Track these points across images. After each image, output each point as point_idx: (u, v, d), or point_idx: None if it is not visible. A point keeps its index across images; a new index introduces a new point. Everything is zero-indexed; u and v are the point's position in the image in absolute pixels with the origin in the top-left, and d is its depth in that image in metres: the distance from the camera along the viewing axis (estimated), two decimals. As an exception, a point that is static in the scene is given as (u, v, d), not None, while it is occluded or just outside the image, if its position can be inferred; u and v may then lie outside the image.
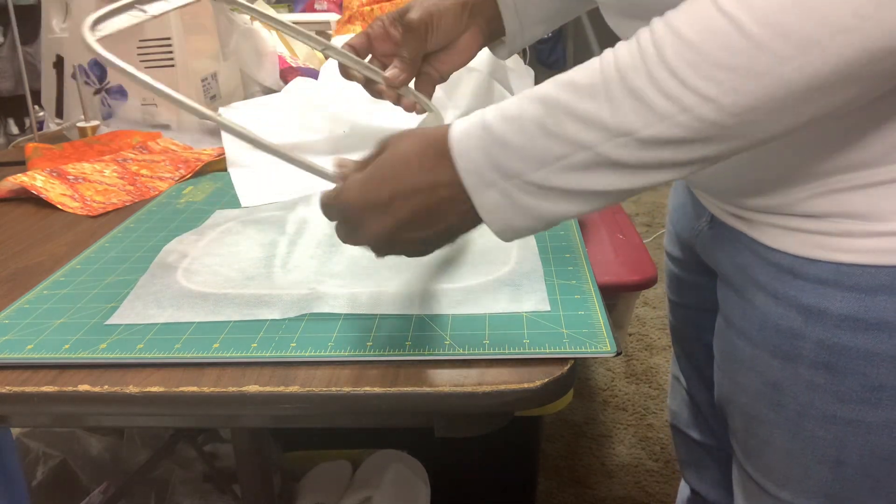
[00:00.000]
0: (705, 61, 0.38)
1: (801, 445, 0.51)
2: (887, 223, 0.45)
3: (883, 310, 0.45)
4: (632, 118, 0.40)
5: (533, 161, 0.43)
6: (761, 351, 0.52)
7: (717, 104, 0.38)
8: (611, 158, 0.41)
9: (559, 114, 0.42)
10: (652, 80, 0.39)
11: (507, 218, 0.45)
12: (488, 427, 0.51)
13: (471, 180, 0.44)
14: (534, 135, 0.42)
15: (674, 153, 0.41)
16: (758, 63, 0.37)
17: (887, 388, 0.47)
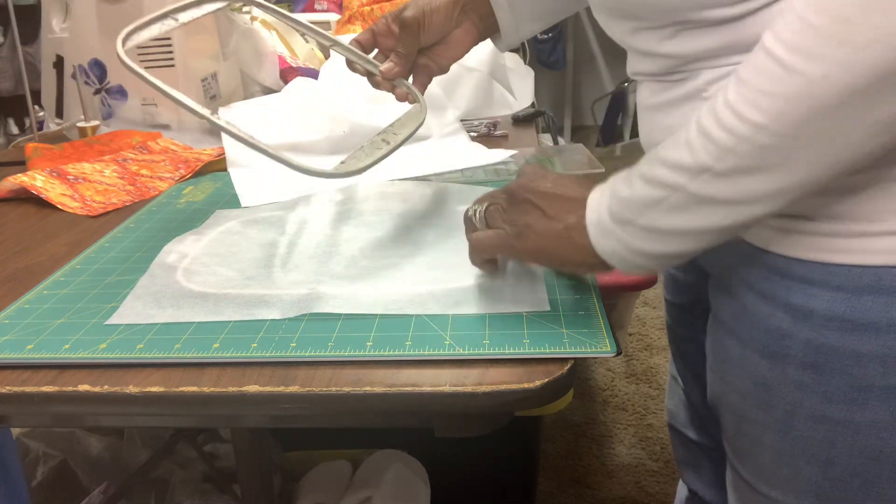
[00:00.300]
0: (752, 92, 0.42)
1: (790, 445, 0.52)
2: (873, 224, 0.45)
3: (868, 310, 0.46)
4: (704, 155, 0.44)
5: (639, 207, 0.48)
6: (750, 351, 0.52)
7: (769, 130, 0.42)
8: (700, 195, 0.45)
9: (654, 163, 0.48)
10: (717, 118, 0.44)
11: (627, 259, 0.51)
12: (488, 427, 0.51)
13: (593, 230, 0.51)
14: (637, 184, 0.48)
15: (755, 184, 0.44)
16: (791, 86, 0.40)
17: (874, 389, 0.47)
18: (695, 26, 0.48)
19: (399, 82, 0.77)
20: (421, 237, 0.69)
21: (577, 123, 4.13)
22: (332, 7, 1.67)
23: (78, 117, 1.13)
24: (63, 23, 1.16)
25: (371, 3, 1.31)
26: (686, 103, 0.52)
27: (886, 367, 0.46)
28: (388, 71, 0.76)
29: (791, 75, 0.40)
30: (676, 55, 0.51)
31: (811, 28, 0.39)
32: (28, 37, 2.55)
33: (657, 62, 0.53)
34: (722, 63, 0.49)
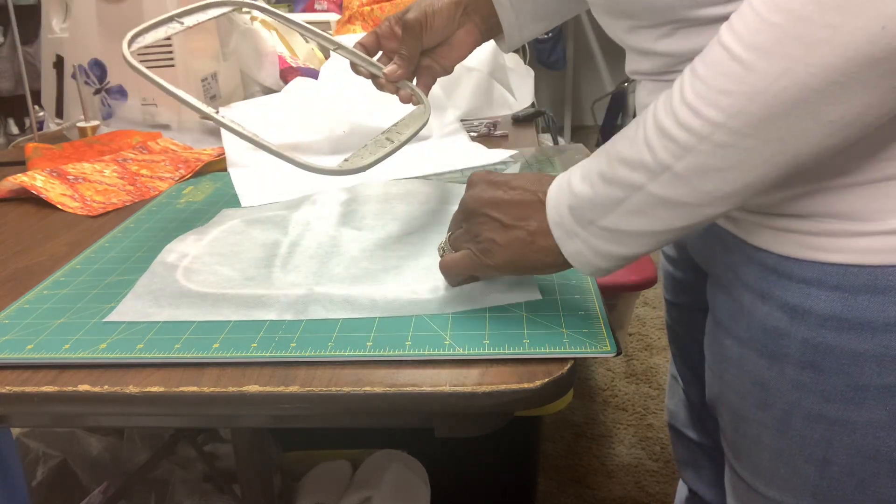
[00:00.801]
0: (710, 90, 0.41)
1: (788, 444, 0.52)
2: (869, 223, 0.45)
3: (865, 309, 0.46)
4: (664, 154, 0.44)
5: (600, 208, 0.48)
6: (748, 350, 0.52)
7: (727, 128, 0.41)
8: (661, 196, 0.45)
9: (613, 161, 0.47)
10: (674, 116, 0.43)
11: (591, 261, 0.50)
12: (488, 427, 0.51)
13: (557, 232, 0.51)
14: (598, 184, 0.48)
15: (714, 183, 0.43)
16: (750, 84, 0.40)
17: (871, 388, 0.47)
18: (691, 24, 0.48)
19: (403, 84, 0.78)
20: (421, 239, 0.69)
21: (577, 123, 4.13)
22: (332, 7, 1.67)
23: (78, 117, 1.13)
24: (63, 23, 1.16)
25: (371, 3, 1.31)
26: None
27: (883, 367, 0.46)
28: (392, 73, 0.76)
29: (749, 73, 0.40)
30: (673, 54, 0.51)
31: (769, 25, 0.39)
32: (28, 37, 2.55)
33: (654, 61, 0.53)
34: None
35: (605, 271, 0.51)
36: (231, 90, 1.24)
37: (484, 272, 0.56)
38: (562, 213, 0.50)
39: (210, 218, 0.79)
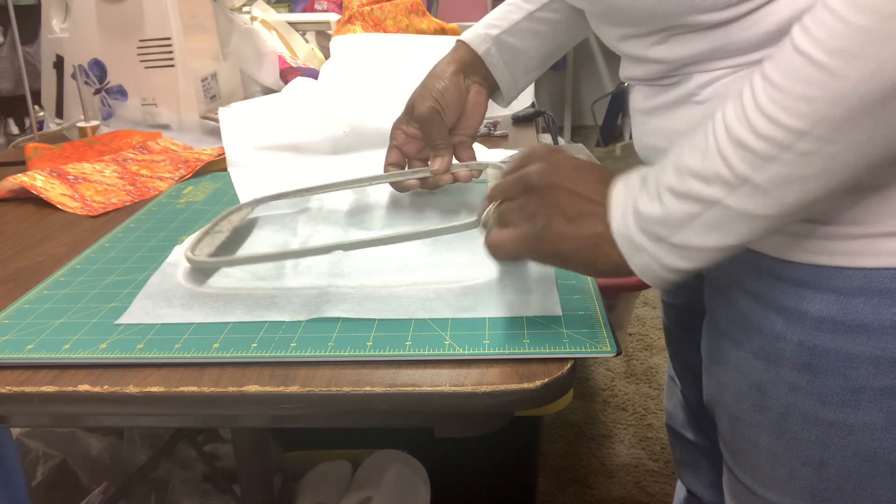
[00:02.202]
0: (789, 97, 0.40)
1: (785, 447, 0.52)
2: (863, 226, 0.45)
3: (860, 312, 0.46)
4: (742, 166, 0.42)
5: (673, 224, 0.45)
6: (744, 352, 0.52)
7: (812, 135, 0.40)
8: (739, 210, 0.43)
9: (685, 175, 0.44)
10: (750, 125, 0.41)
11: (659, 274, 0.47)
12: (488, 427, 0.51)
13: (623, 244, 0.48)
14: (668, 199, 0.45)
15: (796, 193, 0.42)
16: (834, 89, 0.39)
17: (867, 390, 0.47)
18: (684, 31, 0.48)
19: (455, 166, 0.76)
20: (432, 238, 0.69)
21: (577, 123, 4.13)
22: (332, 7, 1.67)
23: (78, 117, 1.13)
24: (63, 23, 1.16)
25: (371, 3, 1.31)
26: (678, 107, 0.52)
27: (879, 369, 0.46)
28: (441, 167, 0.74)
29: (832, 78, 0.39)
30: (667, 60, 0.51)
31: (853, 28, 0.38)
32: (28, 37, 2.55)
33: (648, 67, 0.53)
34: (713, 67, 0.49)
35: (668, 283, 0.49)
36: (231, 90, 1.24)
37: (534, 256, 0.52)
38: (628, 225, 0.47)
39: (210, 218, 0.79)
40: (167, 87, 1.11)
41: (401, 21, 1.31)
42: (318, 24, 1.53)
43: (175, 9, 1.07)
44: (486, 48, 0.74)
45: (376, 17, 1.31)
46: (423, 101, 0.72)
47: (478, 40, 0.74)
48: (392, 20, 1.31)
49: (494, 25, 0.74)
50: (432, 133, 0.73)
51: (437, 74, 0.74)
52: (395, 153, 0.76)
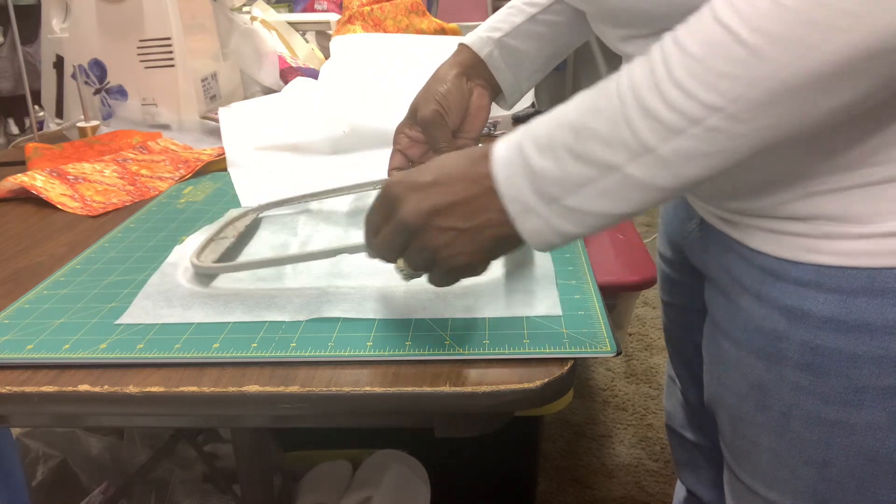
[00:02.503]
0: (708, 72, 0.39)
1: (787, 446, 0.52)
2: (866, 226, 0.45)
3: (863, 311, 0.46)
4: (649, 136, 0.41)
5: (569, 185, 0.44)
6: (746, 352, 0.52)
7: (724, 113, 0.39)
8: (638, 179, 0.42)
9: (585, 137, 0.43)
10: (662, 96, 0.40)
11: (547, 239, 0.46)
12: (488, 427, 0.51)
13: (513, 207, 0.46)
14: (565, 159, 0.44)
15: (696, 168, 0.41)
16: (756, 69, 0.38)
17: (870, 390, 0.47)
18: None
19: None
20: None
21: (577, 123, 4.12)
22: (332, 7, 1.67)
23: (78, 117, 1.13)
24: (63, 23, 1.16)
25: (371, 3, 1.31)
26: None
27: (882, 369, 0.46)
28: None
29: (756, 58, 0.38)
30: None
31: (784, 10, 0.37)
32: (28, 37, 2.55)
33: None
34: None
35: (552, 247, 0.48)
36: (231, 90, 1.24)
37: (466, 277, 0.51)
38: (520, 188, 0.45)
39: (211, 218, 0.79)
40: (167, 87, 1.11)
41: (401, 21, 1.31)
42: (318, 24, 1.53)
43: (175, 9, 1.07)
44: (489, 51, 0.74)
45: (376, 17, 1.31)
46: (427, 105, 0.72)
47: (480, 43, 0.74)
48: (392, 20, 1.31)
49: (496, 28, 0.74)
50: (436, 136, 0.72)
51: (439, 78, 0.73)
52: (398, 157, 0.75)
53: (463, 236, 0.47)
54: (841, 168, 0.45)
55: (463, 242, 0.48)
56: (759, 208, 0.50)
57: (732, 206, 0.52)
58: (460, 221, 0.47)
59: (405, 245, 0.49)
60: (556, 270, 0.62)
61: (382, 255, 0.51)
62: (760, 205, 0.49)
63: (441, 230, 0.47)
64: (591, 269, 0.62)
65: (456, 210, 0.47)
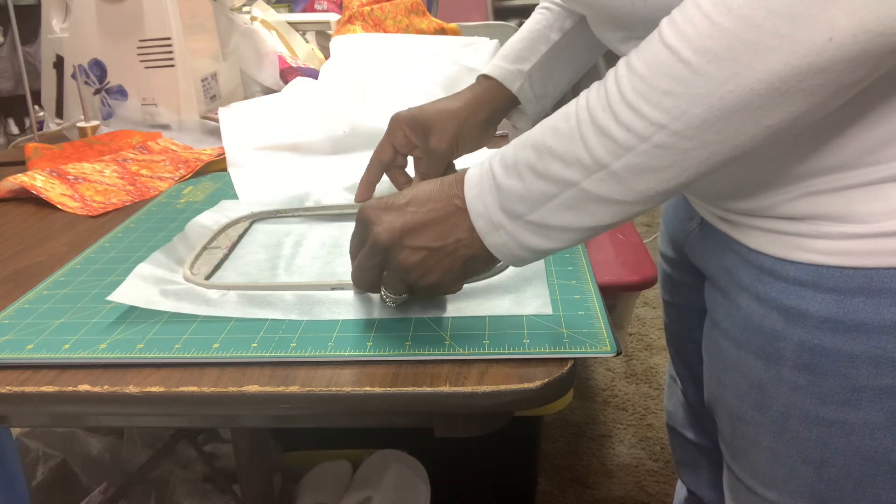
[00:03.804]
0: (653, 90, 0.41)
1: (785, 446, 0.52)
2: (863, 225, 0.45)
3: (860, 311, 0.46)
4: (601, 153, 0.43)
5: (531, 202, 0.47)
6: (745, 352, 0.53)
7: (668, 130, 0.41)
8: (594, 193, 0.45)
9: (546, 156, 0.46)
10: (613, 114, 0.42)
11: (514, 253, 0.49)
12: (488, 427, 0.51)
13: (480, 224, 0.49)
14: (528, 178, 0.47)
15: (647, 183, 0.43)
16: (697, 87, 0.40)
17: (867, 390, 0.47)
18: None
19: None
20: None
21: (577, 123, 4.12)
22: (332, 7, 1.67)
23: (78, 117, 1.13)
24: (63, 23, 1.16)
25: (371, 3, 1.31)
26: None
27: (879, 369, 0.46)
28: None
29: (696, 76, 0.39)
30: None
31: (719, 30, 0.38)
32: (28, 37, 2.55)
33: None
34: None
35: (523, 261, 0.50)
36: (231, 90, 1.24)
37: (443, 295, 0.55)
38: (487, 205, 0.48)
39: (210, 218, 0.79)
40: (167, 87, 1.11)
41: (401, 21, 1.31)
42: (318, 24, 1.53)
43: (175, 9, 1.07)
44: (520, 85, 0.75)
45: (376, 17, 1.31)
46: (442, 138, 0.71)
47: (511, 78, 0.75)
48: (392, 20, 1.31)
49: (524, 59, 0.75)
50: (431, 167, 0.72)
51: (464, 119, 0.72)
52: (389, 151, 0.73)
53: (434, 255, 0.50)
54: (838, 168, 0.45)
55: (434, 261, 0.51)
56: (757, 208, 0.50)
57: (731, 205, 0.52)
58: (431, 241, 0.50)
59: (382, 267, 0.52)
60: (556, 270, 0.62)
61: (362, 282, 0.54)
62: (759, 205, 0.49)
63: (412, 250, 0.50)
64: (591, 269, 0.62)
65: (427, 230, 0.50)
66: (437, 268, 0.51)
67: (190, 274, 0.63)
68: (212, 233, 0.73)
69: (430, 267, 0.51)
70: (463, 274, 0.52)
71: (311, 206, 0.79)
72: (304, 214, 0.78)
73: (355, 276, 0.54)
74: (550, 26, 0.74)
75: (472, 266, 0.52)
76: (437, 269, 0.51)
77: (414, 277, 0.51)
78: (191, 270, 0.64)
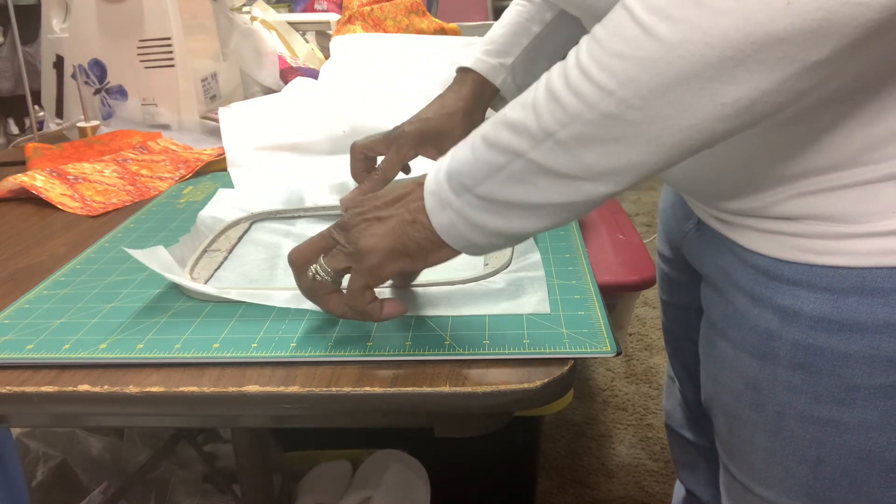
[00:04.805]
0: (605, 52, 0.38)
1: (781, 445, 0.52)
2: (857, 226, 0.45)
3: (854, 311, 0.46)
4: (549, 120, 0.41)
5: (479, 174, 0.44)
6: (741, 351, 0.53)
7: (615, 97, 0.38)
8: (541, 165, 0.42)
9: (499, 125, 0.44)
10: (566, 78, 0.40)
11: (464, 235, 0.46)
12: (488, 427, 0.51)
13: (430, 202, 0.47)
14: (479, 148, 0.44)
15: (596, 157, 0.41)
16: (646, 49, 0.37)
17: (861, 389, 0.47)
18: None
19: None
20: None
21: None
22: (332, 7, 1.67)
23: (78, 117, 1.13)
24: (63, 23, 1.16)
25: (371, 3, 1.31)
26: None
27: (873, 368, 0.46)
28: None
29: (647, 37, 0.37)
30: None
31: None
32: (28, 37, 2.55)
33: None
34: None
35: (479, 248, 0.47)
36: (231, 90, 1.24)
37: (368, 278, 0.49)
38: (438, 181, 0.46)
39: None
40: (167, 87, 1.11)
41: (401, 21, 1.31)
42: (318, 24, 1.53)
43: (175, 9, 1.07)
44: (503, 79, 0.74)
45: (376, 17, 1.31)
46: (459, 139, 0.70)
47: (494, 73, 0.73)
48: (392, 20, 1.31)
49: (506, 52, 0.73)
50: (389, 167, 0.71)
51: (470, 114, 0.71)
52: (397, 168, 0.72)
53: (380, 223, 0.49)
54: (832, 168, 0.45)
55: (379, 226, 0.49)
56: (752, 208, 0.50)
57: (726, 205, 0.52)
58: (383, 211, 0.49)
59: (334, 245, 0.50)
60: (556, 271, 0.62)
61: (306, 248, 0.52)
62: (753, 205, 0.49)
63: (366, 221, 0.49)
64: (591, 269, 0.62)
65: (383, 203, 0.49)
66: (378, 230, 0.48)
67: (189, 278, 0.63)
68: (213, 233, 0.73)
69: (373, 230, 0.48)
70: (401, 246, 0.48)
71: (311, 207, 0.79)
72: (304, 215, 0.78)
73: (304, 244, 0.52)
74: (531, 18, 0.73)
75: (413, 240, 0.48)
76: (377, 232, 0.48)
77: (352, 236, 0.49)
78: (191, 274, 0.64)
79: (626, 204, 3.03)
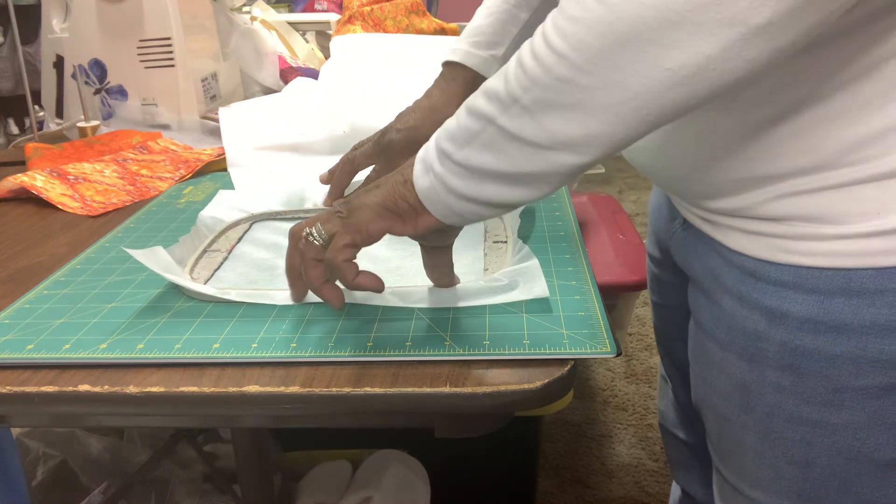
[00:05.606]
0: (562, 16, 0.39)
1: (770, 446, 0.52)
2: (841, 226, 0.45)
3: (840, 312, 0.46)
4: (515, 85, 0.42)
5: (459, 140, 0.45)
6: (729, 353, 0.52)
7: (568, 61, 0.39)
8: (509, 131, 0.43)
9: (478, 93, 0.45)
10: (532, 45, 0.41)
11: (443, 200, 0.47)
12: (488, 427, 0.51)
13: (418, 168, 0.48)
14: (461, 115, 0.46)
15: (557, 124, 0.41)
16: (594, 11, 0.37)
17: (849, 390, 0.47)
18: None
19: None
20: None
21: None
22: (332, 7, 1.67)
23: (78, 117, 1.13)
24: (63, 23, 1.16)
25: (371, 3, 1.31)
26: None
27: (860, 369, 0.46)
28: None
29: (596, 1, 0.37)
30: None
31: None
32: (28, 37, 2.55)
33: None
34: None
35: (458, 216, 0.48)
36: (231, 90, 1.24)
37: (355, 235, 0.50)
38: (428, 147, 0.48)
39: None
40: (167, 87, 1.11)
41: (401, 21, 1.31)
42: (318, 24, 1.53)
43: (175, 9, 1.07)
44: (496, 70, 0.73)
45: (376, 17, 1.31)
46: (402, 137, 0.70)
47: (485, 66, 0.71)
48: (392, 20, 1.31)
49: (496, 44, 0.71)
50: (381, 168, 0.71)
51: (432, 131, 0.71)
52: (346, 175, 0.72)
53: (378, 187, 0.50)
54: (816, 168, 0.45)
55: (376, 190, 0.50)
56: (736, 208, 0.49)
57: (711, 205, 0.52)
58: (383, 182, 0.50)
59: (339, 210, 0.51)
60: (556, 271, 0.62)
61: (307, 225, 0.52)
62: (738, 205, 0.49)
63: (366, 189, 0.51)
64: (591, 269, 0.62)
65: (387, 178, 0.50)
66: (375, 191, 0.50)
67: (189, 278, 0.63)
68: (213, 233, 0.73)
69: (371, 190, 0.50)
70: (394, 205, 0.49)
71: (311, 207, 0.79)
72: (304, 215, 0.78)
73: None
74: (518, 4, 0.71)
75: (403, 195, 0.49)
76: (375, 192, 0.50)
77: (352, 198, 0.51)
78: (191, 275, 0.64)
79: (626, 204, 3.03)
